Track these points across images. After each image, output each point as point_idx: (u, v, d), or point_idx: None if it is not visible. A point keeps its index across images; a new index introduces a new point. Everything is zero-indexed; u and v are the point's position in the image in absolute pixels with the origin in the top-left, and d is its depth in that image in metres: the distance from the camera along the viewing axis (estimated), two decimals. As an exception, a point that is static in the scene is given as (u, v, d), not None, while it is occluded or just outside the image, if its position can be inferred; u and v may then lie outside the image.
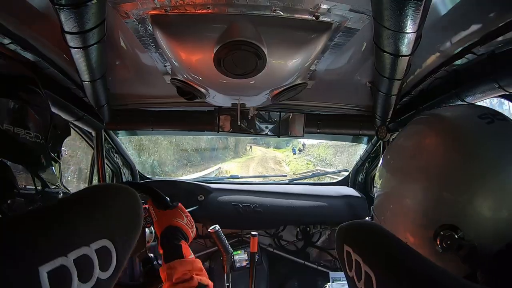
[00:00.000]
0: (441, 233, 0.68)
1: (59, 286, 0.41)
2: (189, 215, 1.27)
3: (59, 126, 0.94)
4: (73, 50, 1.05)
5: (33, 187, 0.71)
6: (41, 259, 0.40)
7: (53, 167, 0.80)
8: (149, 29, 1.15)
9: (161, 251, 1.12)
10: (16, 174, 0.65)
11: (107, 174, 2.17)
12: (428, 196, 0.71)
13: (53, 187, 0.78)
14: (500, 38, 0.94)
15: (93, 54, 1.09)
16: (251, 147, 16.31)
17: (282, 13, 1.05)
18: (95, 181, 2.23)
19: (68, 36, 0.96)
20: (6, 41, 1.04)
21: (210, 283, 1.07)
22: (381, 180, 0.86)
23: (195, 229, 1.27)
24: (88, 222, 0.50)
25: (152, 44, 1.25)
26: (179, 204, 1.28)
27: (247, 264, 2.19)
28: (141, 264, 1.25)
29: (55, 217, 0.48)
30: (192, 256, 1.13)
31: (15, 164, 0.68)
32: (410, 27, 0.85)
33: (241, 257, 2.26)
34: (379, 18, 0.87)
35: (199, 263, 1.11)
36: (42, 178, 0.73)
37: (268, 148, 16.43)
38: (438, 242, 0.68)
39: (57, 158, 1.01)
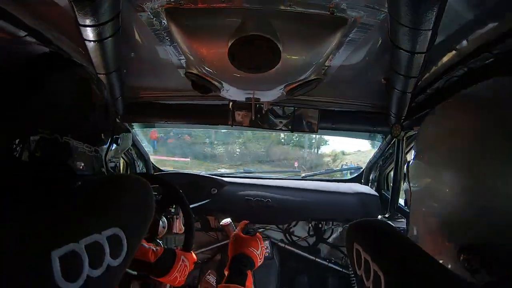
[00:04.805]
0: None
1: (70, 270, 0.43)
2: (264, 246, 1.30)
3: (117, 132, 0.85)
4: (88, 43, 1.06)
5: None
6: (53, 244, 0.42)
7: None
8: (163, 22, 1.15)
9: (226, 272, 1.15)
10: None
11: (121, 165, 2.21)
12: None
13: None
14: None
15: (108, 47, 1.11)
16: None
17: (297, 8, 1.04)
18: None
19: (83, 29, 0.98)
20: (22, 33, 1.07)
21: None
22: (415, 175, 0.71)
23: (262, 260, 1.27)
24: (101, 210, 0.52)
25: (166, 38, 1.26)
26: (258, 234, 1.30)
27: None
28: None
29: (69, 205, 0.49)
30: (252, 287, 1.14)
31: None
32: (426, 24, 0.84)
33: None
34: (395, 15, 0.86)
35: None
36: None
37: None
38: None
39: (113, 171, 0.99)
